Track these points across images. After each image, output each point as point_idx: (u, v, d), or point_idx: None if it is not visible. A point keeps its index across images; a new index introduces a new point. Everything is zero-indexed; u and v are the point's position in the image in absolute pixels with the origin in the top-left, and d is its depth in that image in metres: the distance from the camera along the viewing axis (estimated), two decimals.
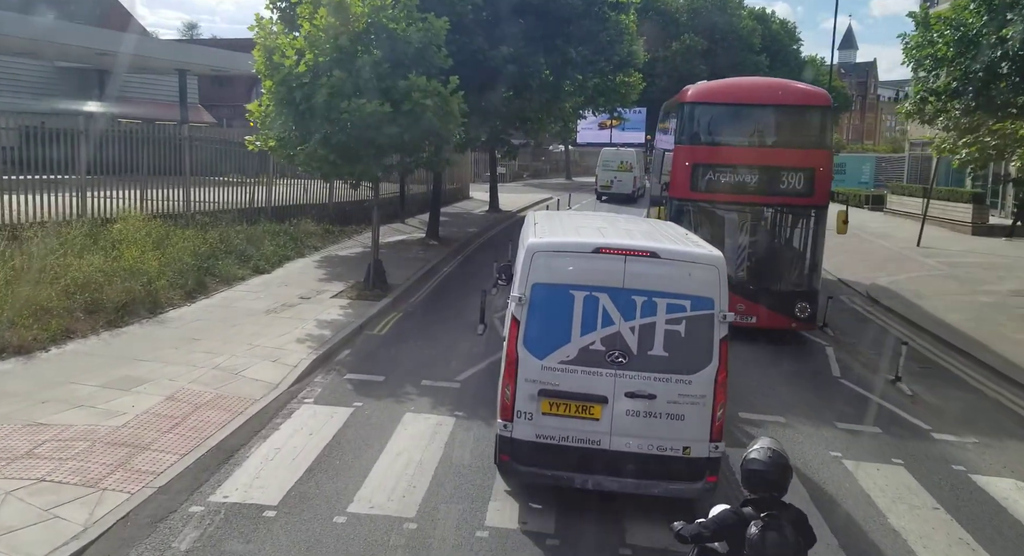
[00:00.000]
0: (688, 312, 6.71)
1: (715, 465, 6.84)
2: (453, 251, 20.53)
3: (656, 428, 6.70)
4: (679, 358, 6.71)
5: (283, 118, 13.66)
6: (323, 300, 14.10)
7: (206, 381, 9.55)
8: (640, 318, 6.69)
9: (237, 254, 16.30)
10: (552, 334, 6.77)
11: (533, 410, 6.82)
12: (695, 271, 6.79)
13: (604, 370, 6.71)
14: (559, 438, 6.80)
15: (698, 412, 6.70)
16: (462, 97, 14.73)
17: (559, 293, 6.78)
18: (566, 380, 6.75)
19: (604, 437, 6.75)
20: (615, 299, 6.71)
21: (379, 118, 13.19)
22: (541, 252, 6.88)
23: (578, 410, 6.76)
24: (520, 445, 6.87)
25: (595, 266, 6.77)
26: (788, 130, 13.77)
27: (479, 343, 12.29)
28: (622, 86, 38.08)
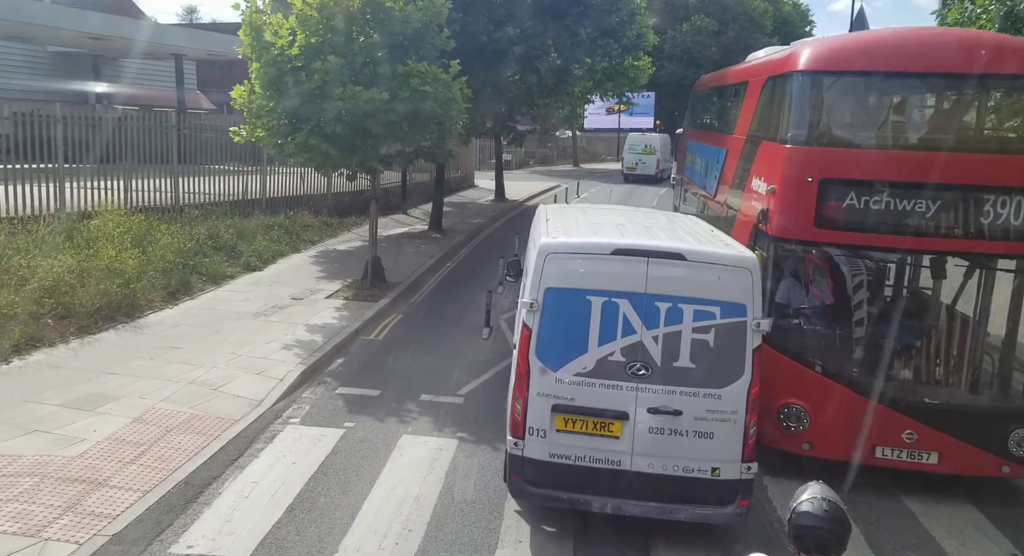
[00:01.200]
0: (718, 320, 6.10)
1: (747, 487, 6.21)
2: (457, 244, 19.50)
3: (682, 447, 6.12)
4: (708, 370, 6.11)
5: (272, 104, 12.61)
6: (317, 301, 13.10)
7: (180, 399, 8.58)
8: (664, 326, 6.10)
9: (227, 250, 15.30)
10: (567, 344, 6.18)
11: (546, 427, 6.22)
12: (725, 275, 6.14)
13: (624, 383, 6.13)
14: (575, 458, 6.22)
15: (729, 430, 6.10)
16: (465, 82, 13.66)
17: (575, 299, 6.17)
18: (583, 394, 6.17)
19: (625, 457, 6.17)
20: (636, 305, 6.11)
21: (376, 106, 12.15)
22: (555, 254, 6.23)
23: (596, 427, 6.18)
24: (532, 465, 6.26)
25: (614, 269, 6.15)
26: (1005, 120, 8.35)
27: (484, 349, 11.29)
28: (631, 70, 36.89)
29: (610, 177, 44.35)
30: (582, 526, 6.51)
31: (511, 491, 6.59)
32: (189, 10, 76.82)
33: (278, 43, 12.11)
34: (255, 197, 19.41)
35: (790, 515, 3.63)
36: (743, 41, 66.84)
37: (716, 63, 68.31)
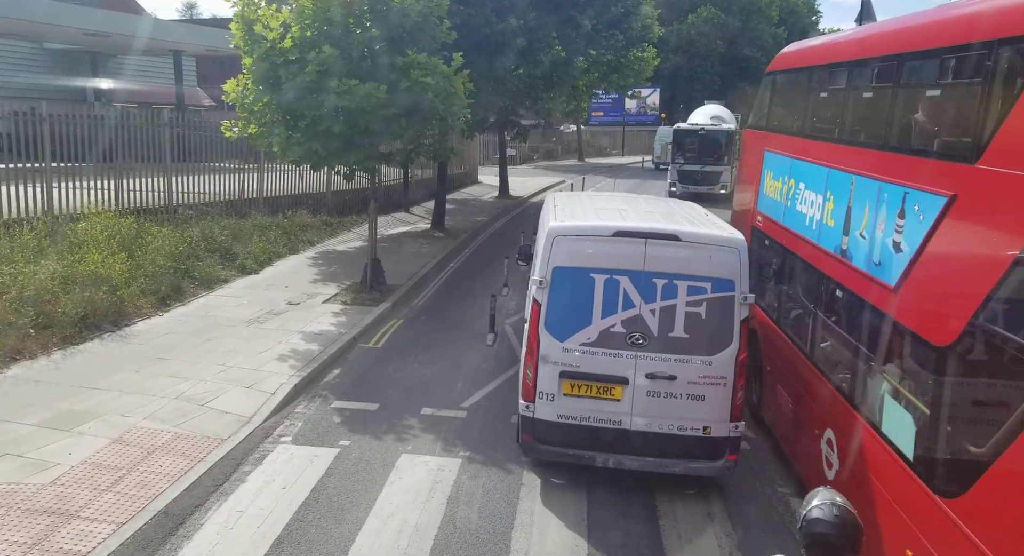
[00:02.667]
0: (709, 294, 6.74)
1: (735, 444, 6.95)
2: (460, 244, 18.93)
3: (677, 408, 6.79)
4: (700, 339, 6.76)
5: (265, 99, 12.06)
6: (314, 306, 12.56)
7: (165, 416, 8.04)
8: (661, 300, 6.74)
9: (221, 252, 14.76)
10: (573, 317, 6.85)
11: (555, 391, 6.91)
12: (716, 254, 6.79)
13: (625, 352, 6.79)
14: (580, 418, 6.91)
15: (718, 393, 6.77)
16: (467, 75, 13.09)
17: (580, 276, 6.83)
18: (587, 362, 6.84)
19: (625, 417, 6.85)
20: (636, 282, 6.76)
21: (374, 101, 11.59)
22: (562, 236, 6.91)
23: (599, 391, 6.86)
24: (542, 425, 6.97)
25: (616, 249, 6.81)
26: None
27: (489, 356, 10.75)
28: (636, 62, 36.26)
29: (616, 171, 43.75)
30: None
31: (522, 449, 7.31)
32: (189, 5, 76.22)
33: (269, 36, 11.55)
34: (252, 196, 18.87)
35: (801, 523, 3.57)
36: (748, 32, 66.11)
37: (722, 55, 67.64)
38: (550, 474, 7.32)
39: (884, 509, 5.23)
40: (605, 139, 69.83)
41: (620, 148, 67.09)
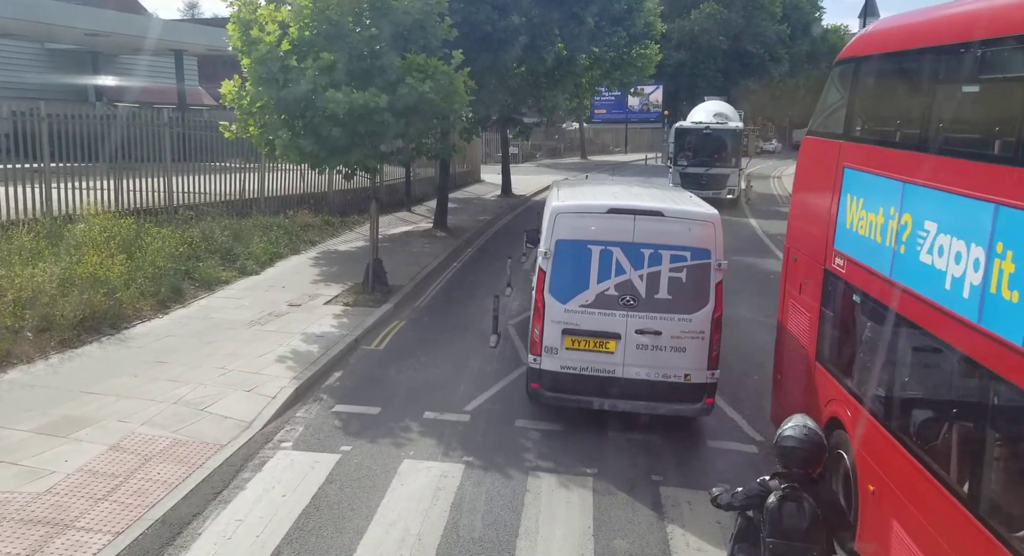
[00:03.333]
0: (689, 261, 7.79)
1: (712, 389, 8.02)
2: (463, 243, 18.79)
3: (662, 359, 7.84)
4: (681, 300, 7.81)
5: (263, 101, 11.93)
6: (315, 307, 12.43)
7: (163, 421, 7.91)
8: (648, 267, 7.80)
9: (222, 253, 14.64)
10: (573, 282, 7.92)
11: (558, 346, 7.97)
12: (694, 227, 7.85)
13: (617, 311, 7.85)
14: (580, 368, 7.97)
15: (698, 345, 7.82)
16: (468, 73, 12.93)
17: (579, 248, 7.88)
18: (585, 320, 7.91)
19: (618, 367, 7.91)
20: (626, 252, 7.81)
21: (372, 109, 11.44)
22: (563, 213, 8.00)
23: (596, 345, 7.92)
24: (547, 375, 8.04)
25: (609, 224, 7.84)
26: None
27: (492, 358, 10.60)
28: (639, 59, 36.08)
29: (620, 170, 43.47)
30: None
31: (530, 397, 8.38)
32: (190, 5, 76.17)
33: (266, 39, 11.40)
34: (253, 196, 18.75)
35: (776, 439, 4.52)
36: (752, 28, 65.80)
37: (724, 52, 67.33)
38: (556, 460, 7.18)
39: None
40: (608, 137, 69.67)
41: (623, 145, 66.90)
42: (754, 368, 10.48)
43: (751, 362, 10.76)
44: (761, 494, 4.51)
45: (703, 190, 25.40)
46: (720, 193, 25.90)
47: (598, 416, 8.55)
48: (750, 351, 11.26)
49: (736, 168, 26.85)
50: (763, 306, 13.82)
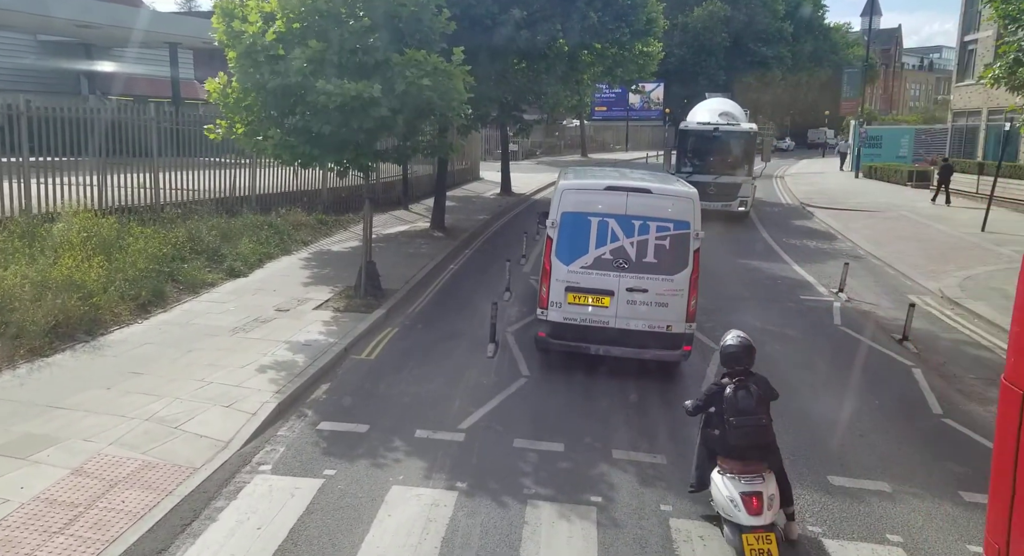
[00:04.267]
0: (671, 231, 9.27)
1: (689, 338, 9.57)
2: (461, 244, 18.21)
3: (648, 312, 9.30)
4: (665, 263, 9.27)
5: (250, 99, 11.35)
6: (304, 312, 11.85)
7: (133, 440, 7.33)
8: (637, 236, 9.27)
9: (209, 254, 14.06)
10: (575, 248, 9.38)
11: (561, 301, 9.46)
12: (676, 202, 9.36)
13: (612, 273, 9.33)
14: (579, 320, 9.47)
15: (678, 301, 9.31)
16: (467, 70, 12.35)
17: (580, 219, 9.35)
18: (585, 279, 9.38)
19: (611, 319, 9.41)
20: (620, 223, 9.27)
21: (366, 101, 10.88)
22: (568, 190, 9.53)
23: (593, 300, 9.39)
24: (552, 325, 9.58)
25: (606, 200, 9.33)
26: None
27: (490, 369, 10.03)
28: (640, 56, 35.51)
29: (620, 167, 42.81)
30: None
31: (538, 345, 9.96)
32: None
33: (249, 30, 10.81)
34: (244, 194, 18.17)
35: (721, 350, 6.31)
36: (754, 25, 65.25)
37: (727, 49, 66.73)
38: None
39: None
40: (608, 134, 69.04)
41: (624, 143, 66.26)
42: None
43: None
44: (718, 391, 6.19)
45: (710, 202, 21.18)
46: (730, 205, 23.04)
47: (603, 429, 8.00)
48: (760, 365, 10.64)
49: (749, 176, 23.49)
50: (771, 315, 13.27)
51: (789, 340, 11.92)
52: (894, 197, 30.47)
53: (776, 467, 6.13)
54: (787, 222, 24.69)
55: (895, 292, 15.22)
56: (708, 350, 11.15)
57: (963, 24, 38.68)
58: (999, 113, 34.68)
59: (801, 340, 11.95)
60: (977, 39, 36.92)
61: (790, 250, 19.52)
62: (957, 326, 12.89)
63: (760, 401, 6.09)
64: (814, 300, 14.48)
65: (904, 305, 14.07)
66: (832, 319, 13.19)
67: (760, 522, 5.68)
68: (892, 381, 10.26)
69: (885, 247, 19.50)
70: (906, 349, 11.52)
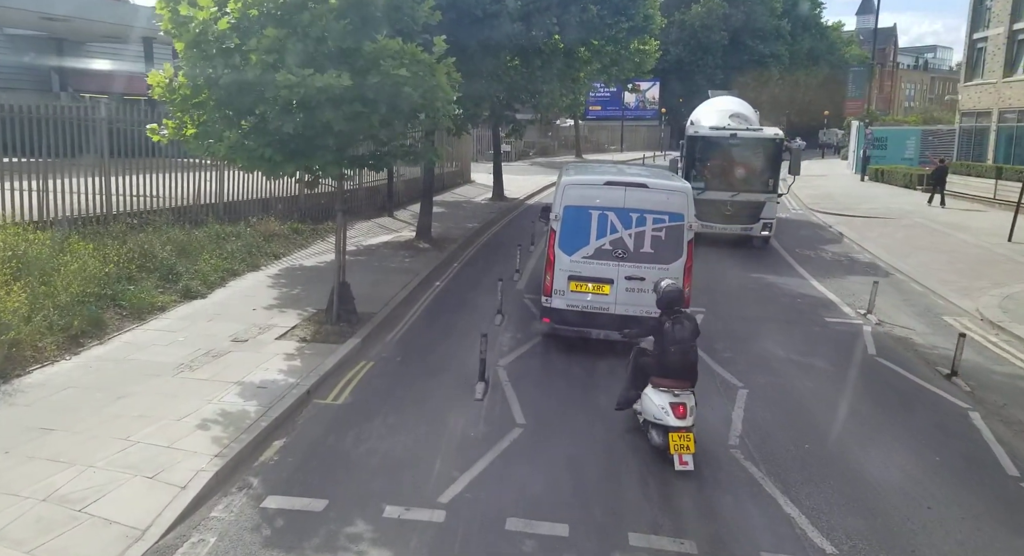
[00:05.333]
0: (667, 223, 10.05)
1: None
2: (448, 257, 16.66)
3: (645, 299, 9.57)
4: (660, 253, 10.06)
5: (202, 96, 9.78)
6: (265, 343, 10.29)
7: (20, 532, 5.75)
8: (635, 227, 10.05)
9: (162, 272, 12.47)
10: (577, 239, 10.16)
11: (564, 288, 10.25)
12: (671, 196, 10.12)
13: (611, 262, 10.12)
14: (581, 306, 10.26)
15: None
16: (453, 64, 10.80)
17: (582, 212, 10.12)
18: (586, 269, 10.20)
19: (611, 305, 10.20)
20: (619, 215, 10.06)
21: (336, 96, 9.34)
22: (570, 185, 10.29)
23: (594, 288, 10.20)
24: (556, 311, 10.36)
25: (606, 194, 10.11)
26: None
27: (478, 416, 8.51)
28: (637, 54, 34.07)
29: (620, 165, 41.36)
30: None
31: (542, 330, 10.87)
32: None
33: (199, 16, 9.23)
34: (210, 201, 16.56)
35: (660, 294, 7.78)
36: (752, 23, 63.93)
37: (724, 47, 65.32)
38: None
39: None
40: (603, 134, 67.55)
41: (619, 144, 64.77)
42: (804, 433, 8.39)
43: (799, 424, 8.67)
44: (658, 325, 7.62)
45: (727, 224, 18.78)
46: (750, 230, 18.91)
47: (616, 501, 6.50)
48: (794, 407, 9.18)
49: (774, 193, 19.02)
50: (795, 341, 11.79)
51: (821, 375, 10.42)
52: (905, 202, 29.03)
53: (694, 385, 7.65)
54: (797, 230, 23.20)
55: (928, 313, 13.74)
56: (730, 388, 9.65)
57: (971, 21, 37.32)
58: (1012, 113, 33.34)
59: (834, 375, 10.45)
60: (987, 37, 35.55)
61: (805, 262, 18.04)
62: (1008, 357, 11.39)
63: (692, 333, 7.59)
64: (841, 323, 12.99)
65: (941, 328, 12.69)
66: (865, 347, 11.70)
67: (684, 424, 7.33)
68: (949, 429, 8.76)
69: (908, 259, 18.04)
70: (956, 386, 10.03)
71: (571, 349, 10.88)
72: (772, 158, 18.94)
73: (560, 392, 9.37)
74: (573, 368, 10.21)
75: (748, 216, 18.91)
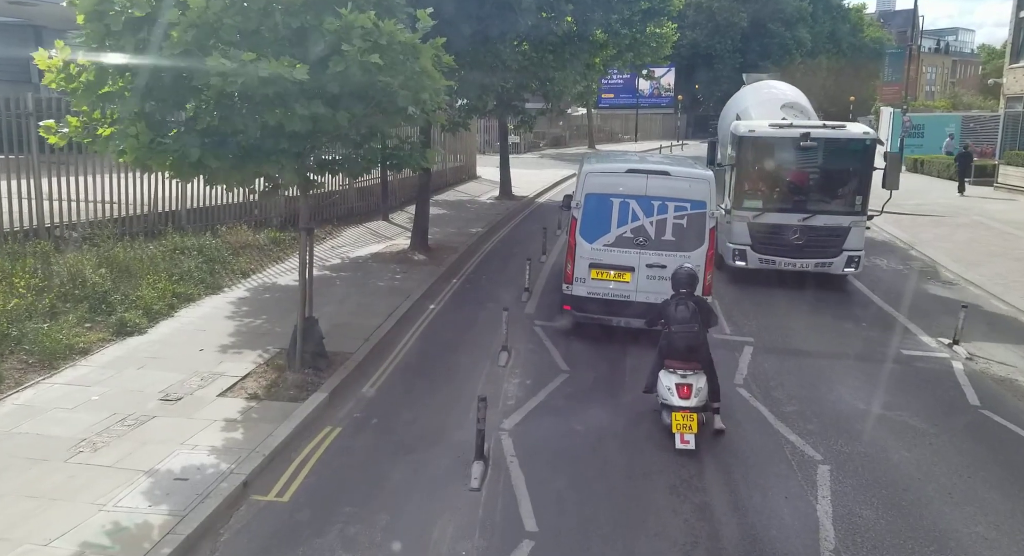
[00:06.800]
0: (689, 211, 10.10)
1: None
2: (447, 271, 14.32)
3: (666, 287, 8.69)
4: (682, 241, 10.12)
5: (118, 85, 7.49)
6: (203, 402, 8.02)
7: None
8: (657, 215, 10.11)
9: (94, 301, 10.23)
10: (598, 227, 10.26)
11: (585, 276, 10.34)
12: (694, 184, 10.17)
13: (632, 250, 10.19)
14: (602, 293, 10.33)
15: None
16: (441, 45, 8.44)
17: (603, 200, 10.24)
18: (607, 256, 10.27)
19: (632, 293, 10.24)
20: (640, 203, 10.14)
21: (287, 90, 7.07)
22: (592, 173, 10.42)
23: (615, 275, 10.27)
24: (577, 299, 10.45)
25: (627, 182, 10.22)
26: None
27: (473, 517, 6.24)
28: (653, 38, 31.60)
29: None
30: None
31: (564, 318, 10.77)
32: None
33: None
34: (172, 208, 14.29)
35: (672, 275, 8.01)
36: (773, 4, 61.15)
37: (744, 31, 62.53)
38: None
39: None
40: (616, 123, 64.84)
41: (633, 133, 62.10)
42: (923, 542, 6.05)
43: (912, 524, 6.32)
44: (665, 306, 7.90)
45: (795, 258, 13.69)
46: (828, 265, 13.70)
47: None
48: (897, 496, 6.81)
49: (862, 215, 13.70)
50: (874, 385, 9.41)
51: (920, 440, 8.05)
52: (953, 196, 26.48)
53: (707, 368, 7.78)
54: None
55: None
56: (806, 463, 7.31)
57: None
58: None
59: (937, 439, 8.09)
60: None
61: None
62: None
63: (695, 314, 7.69)
64: (922, 357, 10.63)
65: None
66: (962, 394, 9.35)
67: (687, 405, 7.44)
68: None
69: (978, 268, 15.61)
70: None
71: (596, 399, 8.63)
72: (861, 167, 13.60)
73: (583, 474, 7.08)
74: (599, 430, 7.92)
75: (826, 247, 13.63)
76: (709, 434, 7.77)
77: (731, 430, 8.06)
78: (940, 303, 13.41)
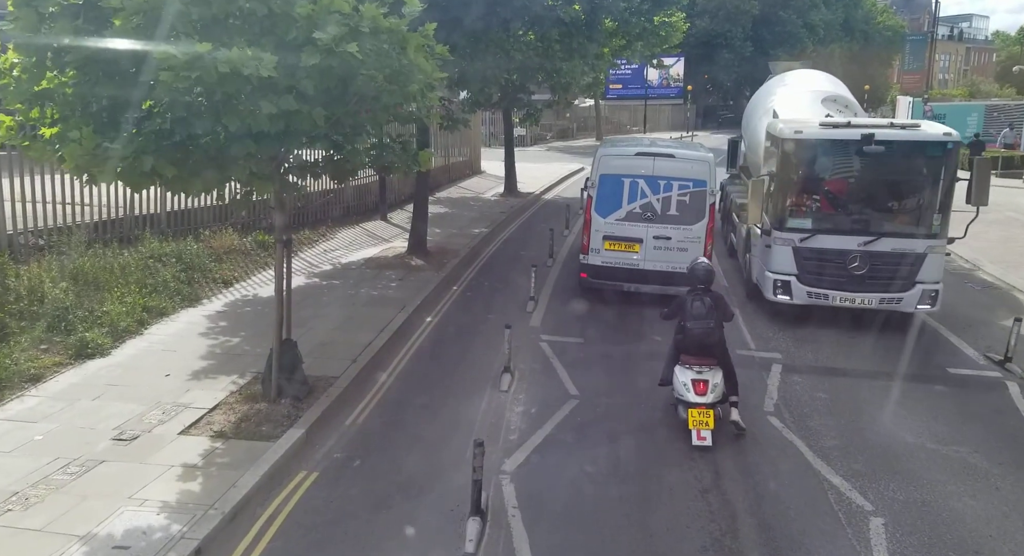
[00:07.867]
0: (691, 189, 11.40)
1: None
2: (446, 278, 13.29)
3: (671, 256, 11.37)
4: (685, 215, 11.42)
5: (56, 81, 6.50)
6: (161, 442, 7.03)
7: None
8: (663, 193, 11.45)
9: (53, 319, 9.25)
10: (611, 204, 11.61)
11: (599, 247, 11.73)
12: (695, 165, 11.53)
13: (641, 223, 11.53)
14: (615, 262, 11.70)
15: (696, 247, 11.26)
16: (431, 32, 7.40)
17: (615, 180, 11.58)
18: (619, 229, 11.63)
19: (641, 262, 11.61)
20: (648, 182, 11.47)
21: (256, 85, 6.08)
22: (605, 156, 11.89)
23: (625, 247, 11.64)
24: (592, 267, 11.85)
25: (637, 163, 11.59)
26: None
27: None
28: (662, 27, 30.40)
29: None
30: None
31: (580, 284, 12.19)
32: None
33: None
34: (151, 211, 13.27)
35: (690, 269, 8.05)
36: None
37: (755, 18, 61.06)
38: None
39: None
40: (624, 115, 63.46)
41: (641, 124, 60.80)
42: None
43: None
44: (682, 302, 7.84)
45: (855, 292, 10.81)
46: (897, 302, 10.84)
47: None
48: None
49: (942, 238, 10.79)
50: (921, 411, 8.34)
51: (982, 482, 7.00)
52: None
53: (723, 363, 7.80)
54: None
55: None
56: (856, 514, 6.26)
57: None
58: None
59: (1001, 481, 7.03)
60: None
61: None
62: None
63: (711, 310, 7.70)
64: (971, 376, 9.58)
65: None
66: (1021, 421, 8.29)
67: (703, 401, 7.46)
68: None
69: (1020, 270, 14.51)
70: None
71: (610, 430, 7.63)
72: (940, 177, 10.74)
73: (597, 530, 6.06)
74: (614, 473, 6.90)
75: (894, 278, 10.77)
76: (726, 428, 7.70)
77: (766, 471, 7.05)
78: (983, 310, 12.33)
